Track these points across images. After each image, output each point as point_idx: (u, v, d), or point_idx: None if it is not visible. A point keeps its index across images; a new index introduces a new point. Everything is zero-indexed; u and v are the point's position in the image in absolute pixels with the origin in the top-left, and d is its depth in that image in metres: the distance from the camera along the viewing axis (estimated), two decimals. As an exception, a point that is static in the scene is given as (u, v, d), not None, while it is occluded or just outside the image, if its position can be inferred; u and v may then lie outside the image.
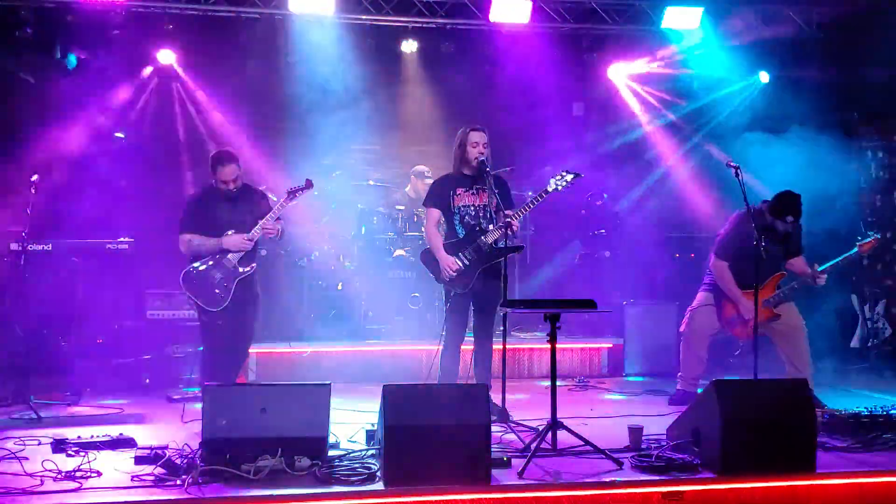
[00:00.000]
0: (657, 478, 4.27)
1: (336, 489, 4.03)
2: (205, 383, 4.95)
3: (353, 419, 5.38)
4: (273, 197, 6.70)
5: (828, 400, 6.18)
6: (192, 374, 6.90)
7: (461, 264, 5.76)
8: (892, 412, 5.28)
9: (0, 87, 8.18)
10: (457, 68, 9.36)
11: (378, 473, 4.22)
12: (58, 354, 6.58)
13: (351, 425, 5.23)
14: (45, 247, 6.61)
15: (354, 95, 9.03)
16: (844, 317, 8.58)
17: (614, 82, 9.83)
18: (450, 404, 4.25)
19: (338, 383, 4.82)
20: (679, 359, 6.67)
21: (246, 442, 4.23)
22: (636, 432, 4.87)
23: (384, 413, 4.19)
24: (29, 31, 8.08)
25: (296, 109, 8.98)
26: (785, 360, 6.36)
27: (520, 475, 4.26)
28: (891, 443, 4.96)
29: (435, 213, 5.98)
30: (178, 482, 4.05)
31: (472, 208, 5.87)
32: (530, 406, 6.03)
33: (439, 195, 5.96)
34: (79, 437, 4.81)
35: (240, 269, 6.01)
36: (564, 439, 4.77)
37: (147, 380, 6.88)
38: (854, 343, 8.57)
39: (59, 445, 4.69)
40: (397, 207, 8.50)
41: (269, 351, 7.38)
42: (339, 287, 8.21)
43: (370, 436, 4.88)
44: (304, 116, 8.95)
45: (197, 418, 4.46)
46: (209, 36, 8.69)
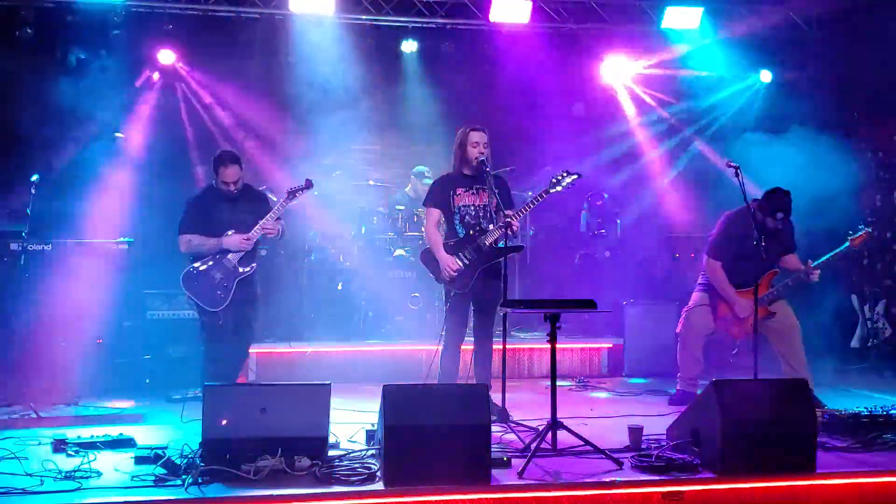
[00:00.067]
0: (657, 478, 4.27)
1: (336, 489, 4.03)
2: (205, 383, 4.94)
3: (353, 419, 5.38)
4: (273, 197, 6.69)
5: (828, 400, 6.18)
6: (192, 375, 6.90)
7: (461, 264, 5.76)
8: (892, 412, 5.28)
9: (0, 87, 8.18)
10: (457, 68, 9.37)
11: (378, 473, 4.22)
12: (58, 354, 6.56)
13: (351, 425, 5.23)
14: (45, 247, 6.60)
15: (354, 95, 9.02)
16: (844, 317, 8.57)
17: (614, 82, 9.83)
18: (450, 404, 4.24)
19: (338, 383, 4.81)
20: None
21: (246, 442, 4.23)
22: (636, 432, 4.87)
23: (384, 413, 4.19)
24: (29, 31, 8.09)
25: (296, 109, 8.99)
26: (780, 359, 6.37)
27: (520, 475, 4.26)
28: (891, 443, 4.97)
29: (435, 213, 5.97)
30: (178, 482, 4.05)
31: (473, 208, 5.86)
32: (530, 406, 6.02)
33: (439, 195, 5.95)
34: (79, 437, 4.81)
35: (240, 270, 6.01)
36: (564, 439, 4.77)
37: (147, 380, 6.88)
38: (854, 343, 8.57)
39: (59, 445, 4.68)
40: (397, 207, 8.49)
41: (270, 351, 7.38)
42: (339, 287, 8.21)
43: (370, 436, 4.88)
44: (304, 116, 8.96)
45: (197, 418, 4.45)
46: (209, 36, 8.69)
